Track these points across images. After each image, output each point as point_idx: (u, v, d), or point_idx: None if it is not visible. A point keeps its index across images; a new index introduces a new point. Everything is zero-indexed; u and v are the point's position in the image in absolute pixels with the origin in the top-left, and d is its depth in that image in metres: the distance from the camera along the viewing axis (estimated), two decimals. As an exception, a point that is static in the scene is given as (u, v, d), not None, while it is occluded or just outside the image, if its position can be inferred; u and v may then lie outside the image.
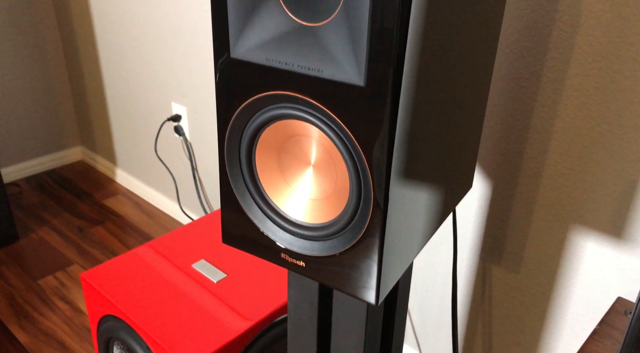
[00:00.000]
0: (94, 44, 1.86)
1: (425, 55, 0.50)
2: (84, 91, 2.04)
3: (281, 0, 0.49)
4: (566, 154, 0.87)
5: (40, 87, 2.01)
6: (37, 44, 1.95)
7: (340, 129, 0.49)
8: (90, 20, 1.82)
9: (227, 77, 0.53)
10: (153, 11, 1.56)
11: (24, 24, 1.90)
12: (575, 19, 0.80)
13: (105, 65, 1.86)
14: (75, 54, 1.98)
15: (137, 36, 1.67)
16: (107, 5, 1.73)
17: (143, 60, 1.70)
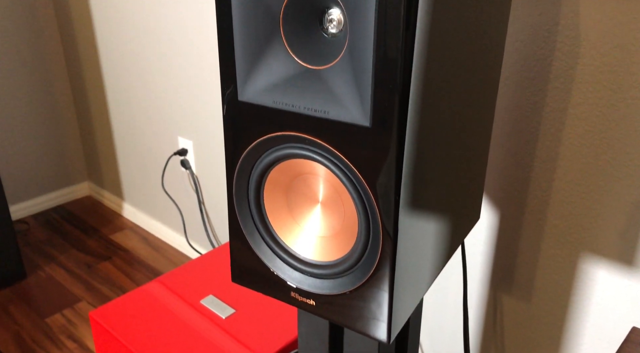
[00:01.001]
0: (101, 80, 1.89)
1: (429, 95, 0.51)
2: (91, 127, 2.07)
3: (287, 45, 0.50)
4: (572, 182, 0.87)
5: (48, 125, 2.04)
6: (45, 81, 1.99)
7: (347, 168, 0.50)
8: (97, 57, 1.86)
9: (234, 119, 0.54)
10: (160, 46, 1.59)
11: (33, 62, 1.94)
12: (574, 50, 0.81)
13: (113, 100, 1.89)
14: (82, 91, 2.02)
15: (144, 71, 1.70)
16: (114, 41, 1.76)
17: (149, 95, 1.72)
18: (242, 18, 0.50)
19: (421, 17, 0.45)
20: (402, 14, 0.43)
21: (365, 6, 0.44)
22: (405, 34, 0.44)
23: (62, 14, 1.92)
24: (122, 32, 1.71)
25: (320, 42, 0.50)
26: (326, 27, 0.50)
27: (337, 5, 0.47)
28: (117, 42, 1.75)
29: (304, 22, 0.49)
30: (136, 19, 1.63)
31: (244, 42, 0.51)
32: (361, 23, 0.45)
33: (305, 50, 0.50)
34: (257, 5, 0.49)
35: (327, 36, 0.50)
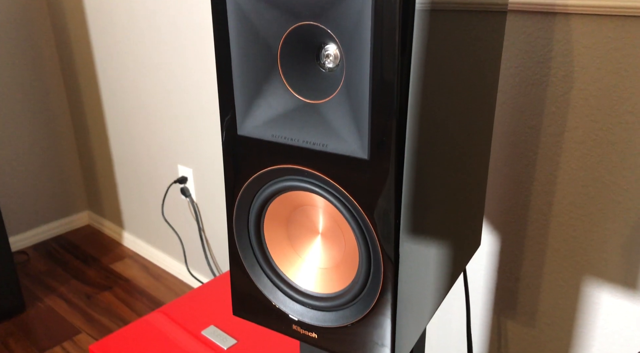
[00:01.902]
0: (101, 109, 1.91)
1: (426, 126, 0.51)
2: (91, 156, 2.07)
3: (285, 80, 0.51)
4: (572, 205, 0.87)
5: (48, 155, 2.05)
6: (45, 110, 2.00)
7: (347, 199, 0.50)
8: (98, 87, 1.88)
9: (234, 152, 0.55)
10: (159, 75, 1.61)
11: (33, 92, 1.95)
12: (569, 75, 0.82)
13: (112, 129, 1.90)
14: (82, 119, 2.03)
15: (143, 100, 1.72)
16: (114, 71, 1.78)
17: (149, 124, 1.74)
18: (241, 54, 0.51)
19: (416, 53, 0.46)
20: (397, 51, 0.43)
21: (361, 42, 0.45)
22: (401, 69, 0.44)
23: (63, 44, 1.94)
24: (122, 62, 1.73)
25: (317, 77, 0.50)
26: (323, 62, 0.50)
27: (333, 41, 0.48)
28: (117, 72, 1.77)
29: (301, 58, 0.50)
30: (136, 49, 1.65)
31: (242, 78, 0.52)
32: (357, 58, 0.46)
33: (303, 85, 0.50)
34: (255, 42, 0.50)
35: (324, 71, 0.50)
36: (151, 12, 1.53)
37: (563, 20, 0.80)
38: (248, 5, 0.48)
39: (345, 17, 0.44)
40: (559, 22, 0.81)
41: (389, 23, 0.43)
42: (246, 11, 0.48)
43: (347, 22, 0.44)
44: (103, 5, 1.69)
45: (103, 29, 1.74)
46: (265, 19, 0.48)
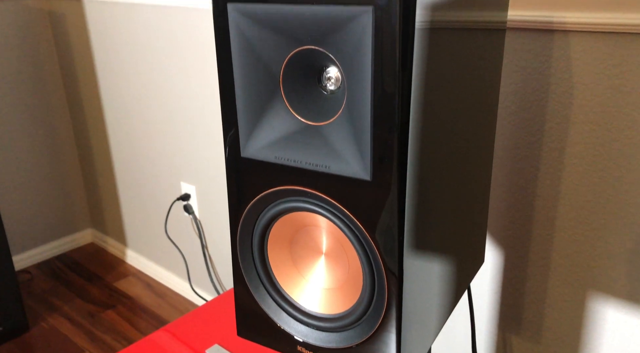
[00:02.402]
0: (104, 127, 1.92)
1: (428, 146, 0.52)
2: (94, 174, 2.08)
3: (287, 103, 0.51)
4: (575, 220, 0.87)
5: (51, 173, 2.06)
6: (48, 129, 2.02)
7: (350, 220, 0.51)
8: (100, 105, 1.89)
9: (238, 174, 0.55)
10: (162, 92, 1.63)
11: (36, 110, 1.97)
12: (568, 91, 0.83)
13: (115, 147, 1.92)
14: (85, 138, 2.04)
15: (146, 118, 1.73)
16: (117, 88, 1.80)
17: (152, 141, 1.75)
18: (243, 78, 0.52)
19: (416, 74, 0.47)
20: (397, 73, 0.44)
21: (362, 65, 0.46)
22: (401, 92, 0.45)
23: (66, 63, 1.96)
24: (125, 80, 1.75)
25: (319, 99, 0.51)
26: (324, 84, 0.51)
27: (334, 64, 0.49)
28: (120, 90, 1.79)
29: (303, 81, 0.51)
30: (139, 68, 1.67)
31: (245, 101, 0.52)
32: (358, 81, 0.46)
33: (305, 108, 0.51)
34: (258, 66, 0.50)
35: (325, 93, 0.51)
36: (154, 32, 1.55)
37: (562, 38, 0.81)
38: (250, 31, 0.48)
39: (346, 42, 0.45)
40: (557, 39, 0.82)
41: (389, 46, 0.43)
42: (248, 37, 0.49)
43: (348, 47, 0.45)
44: (107, 26, 1.72)
45: (106, 48, 1.76)
46: (267, 44, 0.48)
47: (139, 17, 1.58)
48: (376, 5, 0.41)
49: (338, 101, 0.50)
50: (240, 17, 0.48)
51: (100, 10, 1.71)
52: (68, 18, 1.85)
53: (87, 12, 1.76)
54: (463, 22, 0.56)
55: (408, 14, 0.42)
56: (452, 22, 0.53)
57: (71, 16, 1.83)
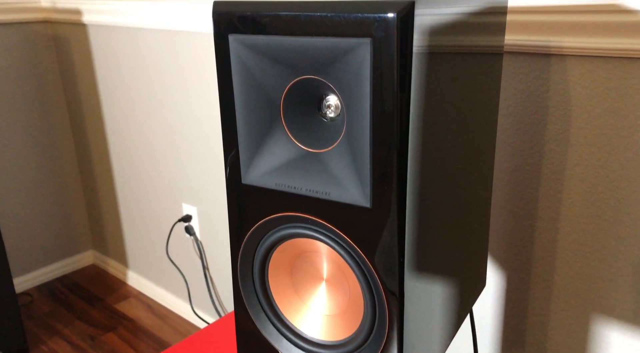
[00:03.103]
0: (107, 148, 1.93)
1: (428, 171, 0.52)
2: (96, 195, 2.09)
3: (287, 130, 0.52)
4: (576, 242, 0.87)
5: (53, 195, 2.06)
6: (51, 150, 2.03)
7: (350, 246, 0.51)
8: (103, 127, 1.91)
9: (238, 200, 0.56)
10: (164, 115, 1.64)
11: (40, 132, 1.98)
12: (567, 113, 0.83)
13: (117, 168, 1.92)
14: (88, 159, 2.05)
15: (148, 140, 1.74)
16: (119, 110, 1.82)
17: (154, 163, 1.76)
18: (244, 106, 0.52)
19: (414, 101, 0.47)
20: (396, 103, 0.45)
21: (361, 94, 0.46)
22: (400, 119, 0.46)
23: (70, 86, 1.99)
24: (127, 102, 1.77)
25: (319, 127, 0.52)
26: (324, 112, 0.52)
27: (333, 93, 0.50)
28: (122, 113, 1.80)
29: (303, 108, 0.51)
30: (142, 89, 1.69)
31: (246, 129, 0.53)
32: (357, 109, 0.47)
33: (305, 135, 0.52)
34: (258, 95, 0.51)
35: (325, 121, 0.52)
36: (157, 56, 1.57)
37: (559, 62, 0.82)
38: (251, 61, 0.49)
39: (345, 72, 0.46)
40: (554, 63, 0.83)
41: (387, 77, 0.44)
42: (249, 66, 0.50)
43: (347, 77, 0.46)
44: (110, 49, 1.74)
45: (109, 71, 1.78)
46: (268, 73, 0.49)
47: (141, 41, 1.60)
48: (374, 38, 0.42)
49: (338, 128, 0.51)
50: (242, 47, 0.49)
51: (104, 35, 1.73)
52: (72, 42, 1.88)
53: (91, 36, 1.78)
54: (461, 46, 0.57)
55: (405, 46, 0.42)
56: (449, 47, 0.54)
57: (75, 40, 1.86)
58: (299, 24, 0.45)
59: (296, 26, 0.46)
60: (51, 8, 1.88)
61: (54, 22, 1.91)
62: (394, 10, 0.41)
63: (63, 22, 1.87)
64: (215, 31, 0.50)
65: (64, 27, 1.88)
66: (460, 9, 0.53)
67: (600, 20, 0.76)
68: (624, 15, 0.73)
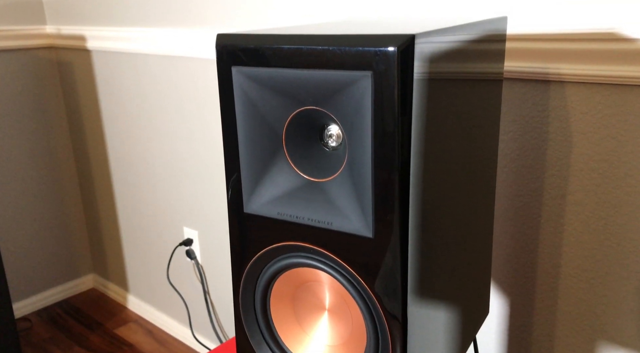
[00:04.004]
0: (108, 172, 1.94)
1: (430, 199, 0.52)
2: (97, 219, 2.09)
3: (290, 159, 0.52)
4: (579, 268, 0.87)
5: (54, 218, 2.06)
6: (53, 175, 2.04)
7: (352, 276, 0.51)
8: (105, 151, 1.92)
9: (240, 229, 0.56)
10: (165, 139, 1.65)
11: (42, 158, 1.99)
12: (567, 139, 0.84)
13: (119, 192, 1.93)
14: (89, 183, 2.06)
15: (150, 164, 1.75)
16: (121, 134, 1.83)
17: (155, 187, 1.76)
18: (247, 136, 0.53)
19: (415, 129, 0.48)
20: (397, 133, 0.45)
21: (362, 124, 0.47)
22: (401, 149, 0.46)
23: (72, 110, 2.00)
24: (129, 126, 1.78)
25: (321, 156, 0.52)
26: (326, 141, 0.52)
27: (335, 123, 0.50)
28: (124, 136, 1.81)
29: (305, 138, 0.52)
30: (144, 114, 1.70)
31: (248, 158, 0.53)
32: (359, 139, 0.47)
33: (308, 164, 0.52)
34: (261, 125, 0.52)
35: (327, 150, 0.52)
36: (159, 81, 1.59)
37: (558, 88, 0.83)
38: (254, 92, 0.50)
39: (347, 104, 0.46)
40: (553, 89, 0.84)
41: (388, 108, 0.44)
42: (252, 97, 0.50)
43: (348, 108, 0.46)
44: (113, 74, 1.76)
45: (112, 96, 1.80)
46: (270, 104, 0.50)
47: (143, 67, 1.62)
48: (375, 71, 0.43)
49: (340, 158, 0.51)
50: (244, 79, 0.50)
51: (107, 60, 1.75)
52: (76, 67, 1.90)
53: (95, 61, 1.81)
54: (461, 73, 0.58)
55: (406, 79, 0.43)
56: (449, 73, 0.54)
57: (79, 65, 1.88)
58: (301, 56, 0.46)
59: (298, 59, 0.46)
60: (56, 34, 1.90)
61: (59, 48, 1.94)
62: (395, 44, 0.41)
63: (67, 47, 1.89)
64: (219, 63, 0.51)
65: (68, 52, 1.90)
66: (459, 37, 0.54)
67: (598, 48, 0.77)
68: (621, 44, 0.74)
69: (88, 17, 1.77)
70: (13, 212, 1.95)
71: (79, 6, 1.79)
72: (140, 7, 1.57)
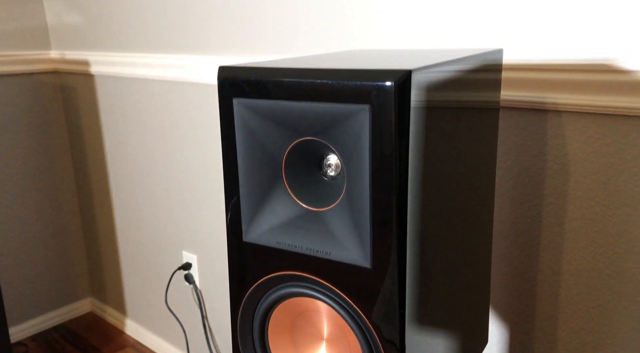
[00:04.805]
0: (109, 196, 1.94)
1: (428, 229, 0.52)
2: (96, 242, 2.08)
3: (289, 188, 0.53)
4: (579, 296, 0.86)
5: (53, 242, 2.06)
6: (53, 198, 2.04)
7: (350, 306, 0.51)
8: (106, 174, 1.92)
9: (239, 258, 0.56)
10: (165, 163, 1.66)
11: (43, 181, 2.00)
12: (564, 168, 0.85)
13: (119, 215, 1.93)
14: (90, 207, 2.06)
15: (150, 187, 1.75)
16: (121, 159, 1.84)
17: (154, 211, 1.76)
18: (247, 165, 0.54)
19: (412, 162, 0.48)
20: (394, 164, 0.46)
21: (360, 155, 0.47)
22: (399, 179, 0.46)
23: (74, 134, 2.02)
24: (130, 150, 1.79)
25: (320, 185, 0.53)
26: (325, 171, 0.53)
27: (334, 153, 0.51)
28: (125, 160, 1.83)
29: (304, 167, 0.53)
30: (145, 138, 1.71)
31: (248, 187, 0.54)
32: (357, 170, 0.48)
33: (307, 193, 0.52)
34: (261, 155, 0.52)
35: (326, 179, 0.53)
36: (160, 105, 1.60)
37: (554, 117, 0.84)
38: (254, 123, 0.51)
39: (345, 134, 0.47)
40: (550, 118, 0.85)
41: (386, 140, 0.45)
42: (252, 128, 0.51)
43: (347, 139, 0.47)
44: (115, 99, 1.78)
45: (114, 120, 1.81)
46: (270, 135, 0.51)
47: (146, 91, 1.64)
48: (372, 104, 0.44)
49: (338, 187, 0.51)
50: (245, 110, 0.51)
51: (110, 84, 1.78)
52: (79, 92, 1.92)
53: (98, 86, 1.83)
54: (458, 101, 0.59)
55: (403, 112, 0.44)
56: (447, 102, 0.55)
57: (82, 90, 1.90)
58: (301, 89, 0.47)
59: (298, 91, 0.47)
60: (60, 59, 1.93)
61: (62, 73, 1.96)
62: (392, 79, 0.42)
63: (71, 72, 1.92)
64: (220, 94, 0.52)
65: (72, 77, 1.93)
66: (456, 67, 0.55)
67: (593, 79, 0.78)
68: (616, 75, 0.76)
69: (92, 43, 1.80)
70: (11, 234, 1.94)
71: (83, 32, 1.82)
72: (142, 33, 1.60)
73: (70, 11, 1.87)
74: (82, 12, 1.81)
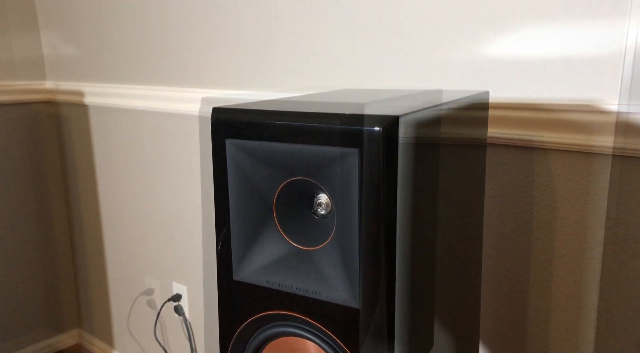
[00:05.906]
0: (100, 226, 1.93)
1: (417, 269, 0.53)
2: (85, 273, 2.06)
3: (280, 227, 0.53)
4: (569, 332, 0.87)
5: (43, 272, 2.03)
6: (43, 228, 2.02)
7: (339, 347, 0.51)
8: (97, 203, 1.92)
9: (229, 296, 0.56)
10: (156, 193, 1.66)
11: (33, 211, 1.99)
12: (551, 204, 0.86)
13: (109, 245, 1.91)
14: (80, 237, 2.05)
15: (140, 219, 1.75)
16: (113, 190, 1.83)
17: (145, 242, 1.75)
18: (238, 204, 0.54)
19: (401, 203, 0.49)
20: (383, 205, 0.47)
21: (350, 197, 0.48)
22: (388, 220, 0.47)
23: (67, 164, 2.02)
24: (122, 180, 1.79)
25: (310, 224, 0.53)
26: (315, 209, 0.54)
27: (324, 192, 0.52)
28: (116, 190, 1.82)
29: (295, 206, 0.53)
30: (136, 169, 1.72)
31: (239, 225, 0.55)
32: (347, 210, 0.49)
33: (297, 232, 0.53)
34: (252, 194, 0.53)
35: (317, 218, 0.53)
36: (153, 136, 1.61)
37: (541, 155, 0.86)
38: (246, 163, 0.52)
39: (335, 175, 0.48)
40: (537, 156, 0.86)
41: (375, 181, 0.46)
42: (244, 168, 0.52)
43: (337, 179, 0.48)
44: (108, 129, 1.79)
45: (107, 150, 1.82)
46: (262, 174, 0.52)
47: (138, 122, 1.65)
48: (362, 148, 0.45)
49: (329, 226, 0.52)
50: (238, 151, 0.52)
51: (104, 115, 1.79)
52: (73, 122, 1.93)
53: (91, 116, 1.84)
54: (445, 139, 0.60)
55: (391, 155, 0.45)
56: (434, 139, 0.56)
57: (76, 120, 1.92)
58: (292, 132, 0.48)
59: (290, 133, 0.48)
60: (55, 89, 1.95)
61: (57, 103, 1.98)
62: (380, 125, 0.44)
63: (65, 102, 1.93)
64: (213, 135, 0.53)
65: (66, 107, 1.94)
66: (443, 106, 0.57)
67: (577, 119, 0.80)
68: (599, 115, 0.78)
69: (86, 74, 1.82)
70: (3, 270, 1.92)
71: (78, 63, 1.85)
72: (136, 65, 1.62)
73: (66, 42, 1.89)
74: (78, 43, 1.84)
